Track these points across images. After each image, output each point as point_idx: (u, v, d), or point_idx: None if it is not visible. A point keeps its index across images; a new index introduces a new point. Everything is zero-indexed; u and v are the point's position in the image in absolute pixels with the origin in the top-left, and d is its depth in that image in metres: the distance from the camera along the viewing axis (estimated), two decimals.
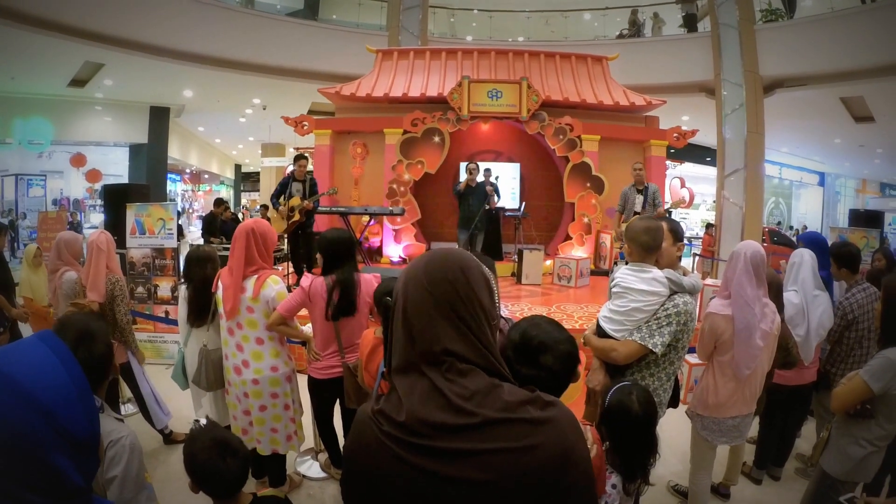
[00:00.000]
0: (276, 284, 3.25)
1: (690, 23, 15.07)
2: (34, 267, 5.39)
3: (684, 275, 2.71)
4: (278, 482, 3.58)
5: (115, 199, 7.50)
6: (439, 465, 0.97)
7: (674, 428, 4.06)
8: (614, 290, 2.70)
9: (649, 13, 15.33)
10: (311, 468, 4.00)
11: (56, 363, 1.10)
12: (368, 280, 3.39)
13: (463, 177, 9.30)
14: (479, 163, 9.17)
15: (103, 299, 3.96)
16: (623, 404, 2.10)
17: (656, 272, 2.61)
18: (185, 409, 4.57)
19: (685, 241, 3.01)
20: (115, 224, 6.97)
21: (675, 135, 10.05)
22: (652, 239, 2.64)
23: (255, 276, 3.23)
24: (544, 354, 1.65)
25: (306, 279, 3.30)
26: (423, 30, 14.11)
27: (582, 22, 17.27)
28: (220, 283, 3.31)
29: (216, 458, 1.95)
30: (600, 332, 2.71)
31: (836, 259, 4.10)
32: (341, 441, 3.73)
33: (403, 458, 0.99)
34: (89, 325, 1.80)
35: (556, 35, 16.65)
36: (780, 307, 3.53)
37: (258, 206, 19.10)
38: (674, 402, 2.87)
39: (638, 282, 2.60)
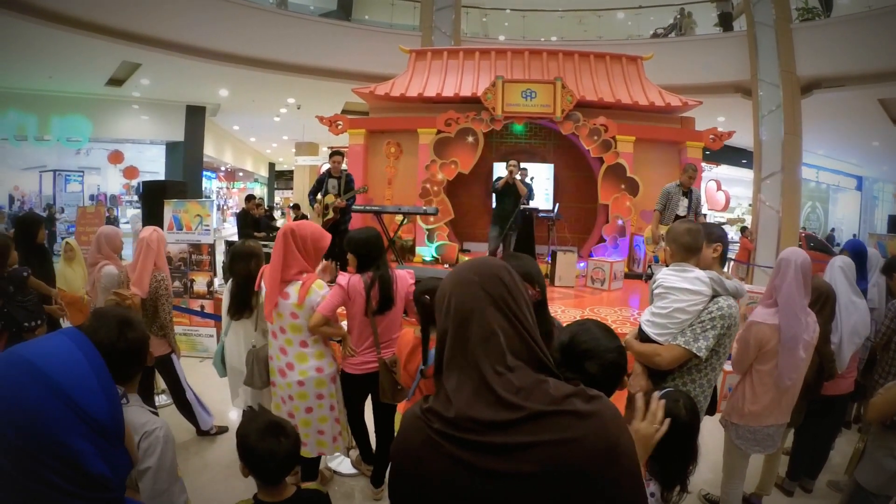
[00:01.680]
0: (321, 290, 3.26)
1: (726, 22, 14.86)
2: (67, 261, 5.49)
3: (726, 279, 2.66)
4: (310, 478, 3.60)
5: (153, 195, 7.59)
6: (487, 460, 0.99)
7: (706, 436, 3.98)
8: (656, 291, 2.66)
9: (683, 12, 15.13)
10: (343, 464, 4.03)
11: (75, 350, 1.09)
12: (403, 276, 3.46)
13: (500, 174, 9.21)
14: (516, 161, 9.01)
15: (146, 295, 4.02)
16: (671, 412, 2.06)
17: (699, 272, 2.58)
18: (217, 402, 4.66)
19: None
20: (152, 220, 7.06)
21: (712, 136, 9.87)
22: (693, 240, 2.63)
23: (300, 281, 3.23)
24: (590, 361, 1.64)
25: (343, 277, 3.32)
26: (455, 30, 14.14)
27: (615, 21, 17.16)
28: (262, 283, 3.35)
29: (270, 438, 1.99)
30: (643, 337, 2.67)
31: (885, 272, 4.20)
32: (372, 437, 3.75)
33: (453, 454, 1.01)
34: (128, 314, 1.83)
35: (589, 34, 16.53)
36: (832, 317, 3.46)
37: (289, 206, 19.25)
38: (710, 410, 2.83)
39: (681, 281, 2.56)
